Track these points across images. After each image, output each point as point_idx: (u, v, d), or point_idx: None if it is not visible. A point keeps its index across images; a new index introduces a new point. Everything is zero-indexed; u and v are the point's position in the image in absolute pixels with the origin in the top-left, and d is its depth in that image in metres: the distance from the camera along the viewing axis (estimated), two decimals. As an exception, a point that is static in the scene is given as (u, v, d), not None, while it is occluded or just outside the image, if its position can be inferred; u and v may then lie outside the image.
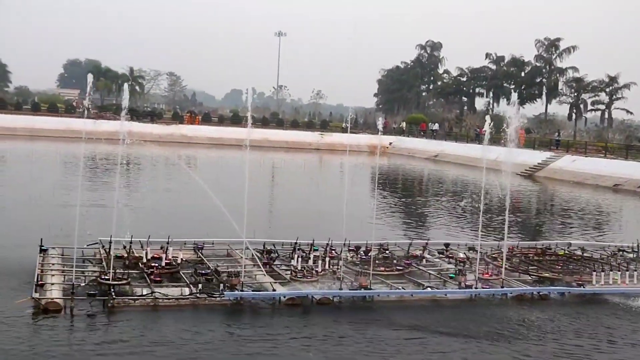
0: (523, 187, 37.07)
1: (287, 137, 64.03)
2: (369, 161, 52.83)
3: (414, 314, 11.44)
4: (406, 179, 41.83)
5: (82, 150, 35.03)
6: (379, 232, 18.08)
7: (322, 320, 10.74)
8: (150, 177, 32.73)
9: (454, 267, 14.12)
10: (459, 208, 26.80)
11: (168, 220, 19.27)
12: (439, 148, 58.84)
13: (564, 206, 30.74)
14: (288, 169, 44.69)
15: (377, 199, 27.23)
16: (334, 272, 13.09)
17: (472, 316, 11.48)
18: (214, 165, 43.36)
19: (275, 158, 52.00)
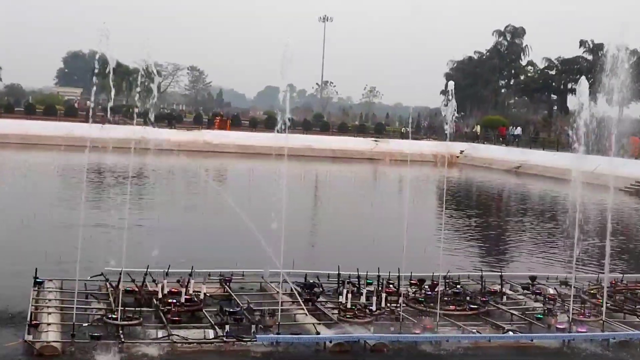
0: (628, 206, 36.30)
1: (334, 145, 64.34)
2: (434, 174, 52.61)
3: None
4: (481, 196, 41.42)
5: (86, 161, 35.87)
6: (448, 262, 17.92)
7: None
8: (167, 193, 33.21)
9: (542, 306, 13.91)
10: (548, 233, 26.37)
11: (189, 247, 19.47)
12: (522, 157, 58.25)
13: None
14: (335, 184, 44.81)
15: (445, 220, 27.03)
16: (392, 311, 13.01)
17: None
18: (244, 179, 43.75)
19: (319, 170, 52.20)
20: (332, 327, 12.11)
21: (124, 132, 35.94)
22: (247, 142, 60.86)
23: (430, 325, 12.14)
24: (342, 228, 25.38)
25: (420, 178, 47.34)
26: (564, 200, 36.33)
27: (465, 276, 15.99)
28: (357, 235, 23.83)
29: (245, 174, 46.75)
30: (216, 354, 10.95)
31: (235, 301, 13.25)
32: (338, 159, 60.56)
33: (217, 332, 11.42)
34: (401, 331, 11.92)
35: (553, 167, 51.17)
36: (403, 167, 54.96)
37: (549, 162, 53.75)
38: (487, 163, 60.00)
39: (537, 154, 58.27)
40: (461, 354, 11.56)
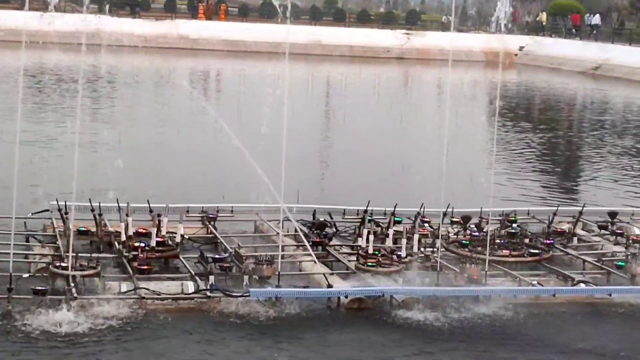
0: None
1: (352, 40, 63.83)
2: (485, 77, 52.35)
3: (559, 326, 11.38)
4: (546, 107, 41.28)
5: (23, 61, 35.76)
6: (502, 193, 17.98)
7: (410, 336, 10.77)
8: (131, 105, 33.21)
9: (625, 251, 13.99)
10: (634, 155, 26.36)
11: (160, 174, 19.59)
12: (601, 55, 57.75)
13: None
14: (352, 92, 44.68)
15: (498, 140, 26.99)
16: (427, 257, 13.12)
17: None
18: (232, 85, 43.66)
19: (332, 74, 51.99)
20: (348, 278, 12.21)
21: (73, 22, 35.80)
22: (236, 36, 60.52)
23: (477, 275, 12.22)
24: (361, 150, 25.39)
25: (465, 83, 47.10)
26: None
27: (524, 212, 16.04)
28: (382, 159, 23.85)
29: (233, 79, 46.63)
30: (197, 313, 11.07)
31: (222, 245, 13.37)
32: (357, 58, 60.21)
33: (199, 284, 11.53)
34: (439, 283, 12.01)
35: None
36: (443, 68, 54.63)
37: (637, 61, 53.30)
38: (554, 63, 59.54)
39: (621, 50, 57.74)
40: (517, 312, 11.66)
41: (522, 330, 11.16)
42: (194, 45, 58.91)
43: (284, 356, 10.08)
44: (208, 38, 60.27)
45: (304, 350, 10.29)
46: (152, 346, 10.12)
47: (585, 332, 11.26)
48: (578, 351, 10.63)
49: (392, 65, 58.87)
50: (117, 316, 10.67)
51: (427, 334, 10.87)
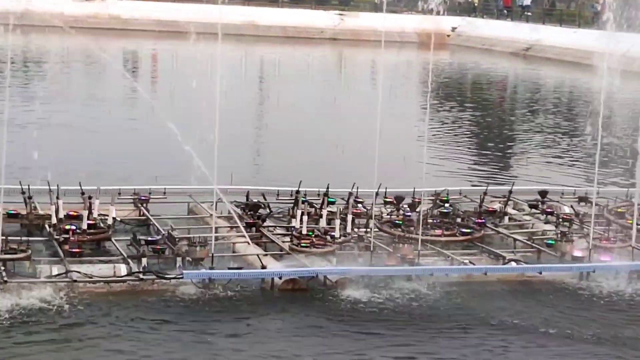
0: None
1: (286, 21, 63.66)
2: (418, 58, 52.63)
3: (491, 304, 11.51)
4: (478, 88, 41.64)
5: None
6: (434, 174, 18.12)
7: (344, 317, 10.84)
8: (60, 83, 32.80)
9: (555, 229, 14.18)
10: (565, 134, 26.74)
11: (92, 155, 19.40)
12: (532, 36, 58.33)
13: None
14: (286, 73, 44.63)
15: (430, 120, 27.18)
16: (360, 238, 13.18)
17: (584, 308, 11.58)
18: (164, 66, 43.31)
19: (265, 55, 51.82)
20: (282, 259, 12.23)
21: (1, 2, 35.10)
22: (168, 16, 59.92)
23: (410, 255, 12.29)
24: (295, 131, 25.41)
25: (399, 64, 47.38)
26: (586, 92, 36.75)
27: (456, 192, 16.16)
28: (315, 140, 23.91)
29: (165, 59, 46.28)
30: (129, 295, 11.01)
31: (155, 227, 13.30)
32: (291, 39, 60.06)
33: (131, 267, 11.47)
34: (372, 263, 12.09)
35: (573, 49, 51.40)
36: (377, 49, 54.72)
37: (567, 42, 53.93)
38: (486, 43, 59.97)
39: (552, 31, 58.29)
40: (449, 290, 11.78)
41: (455, 309, 11.26)
42: (125, 26, 58.25)
43: (217, 338, 10.08)
44: (139, 18, 59.64)
45: (238, 331, 10.28)
46: (83, 330, 10.03)
47: (516, 310, 11.37)
48: (509, 328, 10.75)
49: (325, 46, 58.82)
50: (48, 300, 10.56)
51: (360, 314, 10.92)
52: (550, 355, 10.13)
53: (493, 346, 10.25)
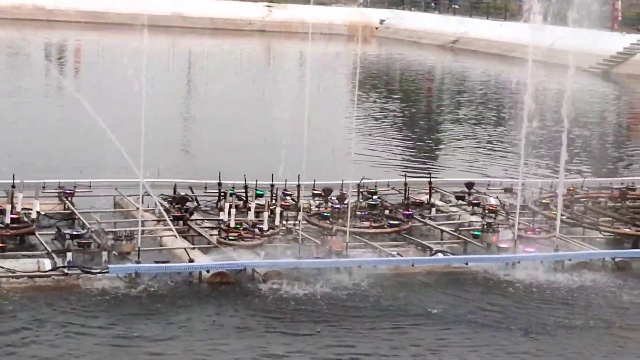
0: (593, 91, 37.45)
1: (214, 12, 63.27)
2: (347, 50, 52.65)
3: (418, 294, 11.62)
4: (407, 81, 41.86)
5: None
6: (362, 166, 18.17)
7: (273, 309, 10.85)
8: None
9: (481, 220, 14.36)
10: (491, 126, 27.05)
11: (14, 148, 19.10)
12: (460, 29, 58.80)
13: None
14: (214, 65, 44.37)
15: (360, 113, 27.29)
16: (289, 230, 13.20)
17: (509, 298, 11.74)
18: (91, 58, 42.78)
19: (193, 47, 51.47)
20: (210, 253, 12.22)
21: None
22: (95, 7, 59.16)
23: (339, 247, 12.35)
24: (223, 124, 25.33)
25: (327, 56, 47.32)
26: (513, 84, 37.14)
27: (384, 184, 16.25)
28: (244, 133, 23.84)
29: (91, 51, 45.67)
30: (54, 291, 10.90)
31: (80, 221, 13.16)
32: (219, 31, 59.70)
33: (56, 262, 11.35)
34: (301, 255, 12.11)
35: (499, 42, 51.92)
36: (305, 41, 54.63)
37: (494, 34, 54.44)
38: (414, 36, 60.27)
39: (479, 24, 58.78)
40: (377, 282, 11.86)
41: (382, 300, 11.35)
42: (50, 17, 57.35)
43: (144, 333, 10.01)
44: (64, 9, 58.72)
45: (165, 325, 10.23)
46: (7, 325, 9.92)
47: (442, 300, 11.51)
48: (436, 318, 10.87)
49: (254, 37, 58.64)
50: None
51: (289, 307, 10.95)
52: (478, 344, 10.26)
53: (421, 336, 10.36)
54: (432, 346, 10.08)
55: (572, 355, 10.08)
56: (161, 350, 9.60)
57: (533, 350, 10.15)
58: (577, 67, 28.06)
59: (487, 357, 9.93)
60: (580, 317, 11.17)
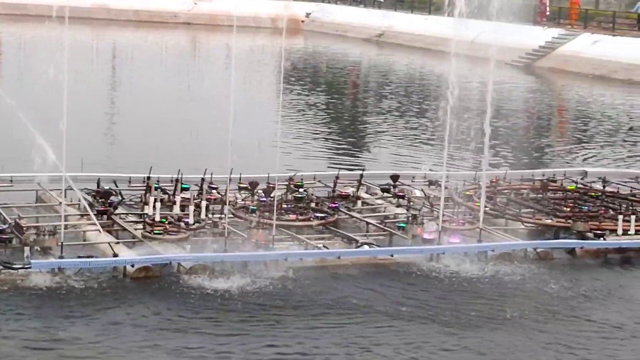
0: (515, 84, 37.97)
1: (138, 4, 62.73)
2: (272, 43, 52.64)
3: (344, 286, 11.65)
4: (332, 74, 41.97)
5: None
6: (288, 159, 18.19)
7: (199, 303, 10.81)
8: None
9: (406, 212, 14.46)
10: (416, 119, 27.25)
11: None
12: (385, 22, 59.16)
13: (578, 114, 31.71)
14: (139, 58, 44.00)
15: (285, 106, 27.29)
16: (215, 224, 13.16)
17: (434, 290, 11.84)
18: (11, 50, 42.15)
19: (118, 39, 50.95)
20: (135, 247, 12.12)
21: None
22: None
23: (265, 240, 12.35)
24: (148, 117, 25.12)
25: (253, 49, 47.30)
26: (436, 77, 37.52)
27: (310, 177, 16.27)
28: (169, 126, 23.69)
29: (11, 43, 44.97)
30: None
31: (1, 216, 12.92)
32: (143, 23, 59.27)
33: (-25, 257, 11.18)
34: (227, 249, 12.08)
35: (424, 35, 52.42)
36: (231, 34, 54.43)
37: (418, 28, 54.89)
38: (340, 30, 60.50)
39: (403, 18, 59.24)
40: (304, 274, 11.88)
41: (309, 292, 11.35)
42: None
43: (67, 329, 9.88)
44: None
45: (89, 321, 10.10)
46: None
47: (368, 292, 11.55)
48: (361, 310, 10.89)
49: (179, 30, 58.33)
50: None
51: (215, 299, 10.91)
52: (402, 335, 10.31)
53: (349, 329, 10.37)
54: (358, 339, 10.09)
55: (495, 347, 10.17)
56: (82, 349, 9.45)
57: (457, 341, 10.21)
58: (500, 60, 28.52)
59: (413, 349, 9.97)
60: (503, 307, 11.28)
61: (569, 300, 11.70)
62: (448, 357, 9.83)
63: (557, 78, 42.59)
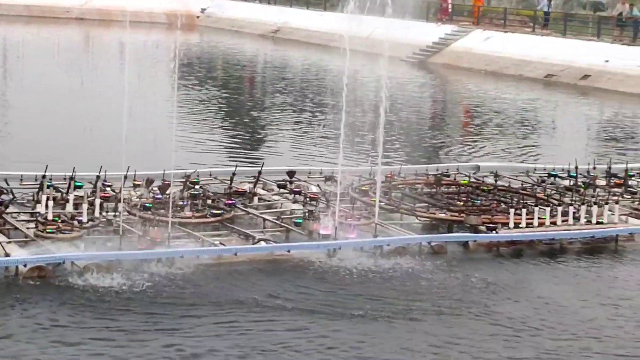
0: (409, 80, 38.39)
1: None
2: (167, 39, 52.18)
3: (240, 283, 11.67)
4: (228, 70, 41.86)
5: None
6: (183, 156, 18.07)
7: (93, 303, 10.67)
8: None
9: (302, 208, 14.51)
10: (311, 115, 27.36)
11: None
12: (280, 19, 59.21)
13: (471, 109, 32.25)
14: (31, 54, 43.17)
15: (181, 102, 27.11)
16: (109, 222, 13.02)
17: (331, 285, 11.91)
18: None
19: (8, 34, 49.95)
20: (27, 246, 11.92)
21: None
22: None
23: (160, 238, 12.26)
24: (40, 114, 24.71)
25: (147, 45, 46.85)
26: (332, 73, 37.71)
27: (206, 173, 16.20)
28: (62, 123, 23.35)
29: None
30: None
31: None
32: (35, 18, 58.15)
33: None
34: (122, 247, 11.95)
35: (319, 32, 52.55)
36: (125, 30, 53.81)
37: (314, 24, 55.05)
38: (236, 25, 60.31)
39: (299, 14, 59.35)
40: (201, 272, 11.85)
41: (206, 290, 11.31)
42: None
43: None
44: None
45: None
46: None
47: (265, 288, 11.54)
48: (258, 307, 10.89)
49: (72, 25, 57.40)
50: None
51: (109, 298, 10.79)
52: (296, 330, 10.36)
53: (247, 326, 10.36)
54: (258, 335, 10.10)
55: (390, 339, 10.28)
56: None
57: (353, 336, 10.28)
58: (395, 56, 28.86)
59: (305, 343, 10.03)
60: (397, 301, 11.40)
61: (462, 293, 11.87)
62: (340, 351, 9.88)
63: (450, 74, 43.24)
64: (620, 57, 39.26)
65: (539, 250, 14.06)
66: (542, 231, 14.26)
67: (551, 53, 41.95)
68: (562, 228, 14.39)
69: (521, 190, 16.41)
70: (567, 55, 41.23)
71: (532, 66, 41.75)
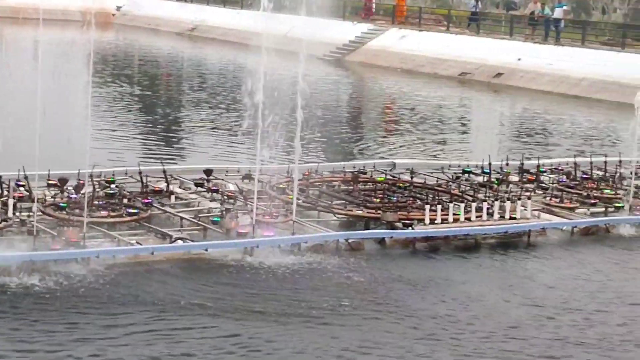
0: (326, 78, 38.53)
1: None
2: (82, 37, 51.42)
3: (157, 283, 11.62)
4: (144, 68, 41.51)
5: None
6: (98, 155, 17.87)
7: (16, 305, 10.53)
8: None
9: (220, 206, 14.47)
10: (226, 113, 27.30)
11: None
12: (197, 17, 58.93)
13: (387, 107, 32.50)
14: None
15: (97, 101, 26.76)
16: (23, 222, 12.84)
17: (249, 282, 11.93)
18: None
19: None
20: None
21: None
22: None
23: (76, 238, 12.11)
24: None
25: (61, 43, 46.17)
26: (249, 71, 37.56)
27: (122, 172, 16.05)
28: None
29: None
30: None
31: None
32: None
33: None
34: (35, 248, 11.81)
35: (236, 30, 52.42)
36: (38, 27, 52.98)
37: (231, 22, 54.94)
38: (152, 23, 59.89)
39: (216, 12, 59.15)
40: (117, 271, 11.75)
41: (122, 289, 11.21)
42: None
43: None
44: None
45: None
46: None
47: (184, 287, 11.50)
48: (175, 307, 10.84)
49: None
50: None
51: (23, 300, 10.64)
52: (211, 329, 10.34)
53: (166, 325, 10.31)
54: (178, 334, 10.06)
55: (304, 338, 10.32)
56: None
57: (272, 334, 10.29)
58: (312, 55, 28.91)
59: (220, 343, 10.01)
60: (314, 298, 11.46)
61: (378, 290, 11.98)
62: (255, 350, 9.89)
63: (367, 72, 43.52)
64: (532, 56, 40.02)
65: (454, 245, 14.23)
66: (457, 227, 14.46)
67: (465, 52, 42.54)
68: (476, 224, 14.58)
69: (436, 186, 16.59)
70: (481, 54, 41.86)
71: (447, 64, 42.27)
